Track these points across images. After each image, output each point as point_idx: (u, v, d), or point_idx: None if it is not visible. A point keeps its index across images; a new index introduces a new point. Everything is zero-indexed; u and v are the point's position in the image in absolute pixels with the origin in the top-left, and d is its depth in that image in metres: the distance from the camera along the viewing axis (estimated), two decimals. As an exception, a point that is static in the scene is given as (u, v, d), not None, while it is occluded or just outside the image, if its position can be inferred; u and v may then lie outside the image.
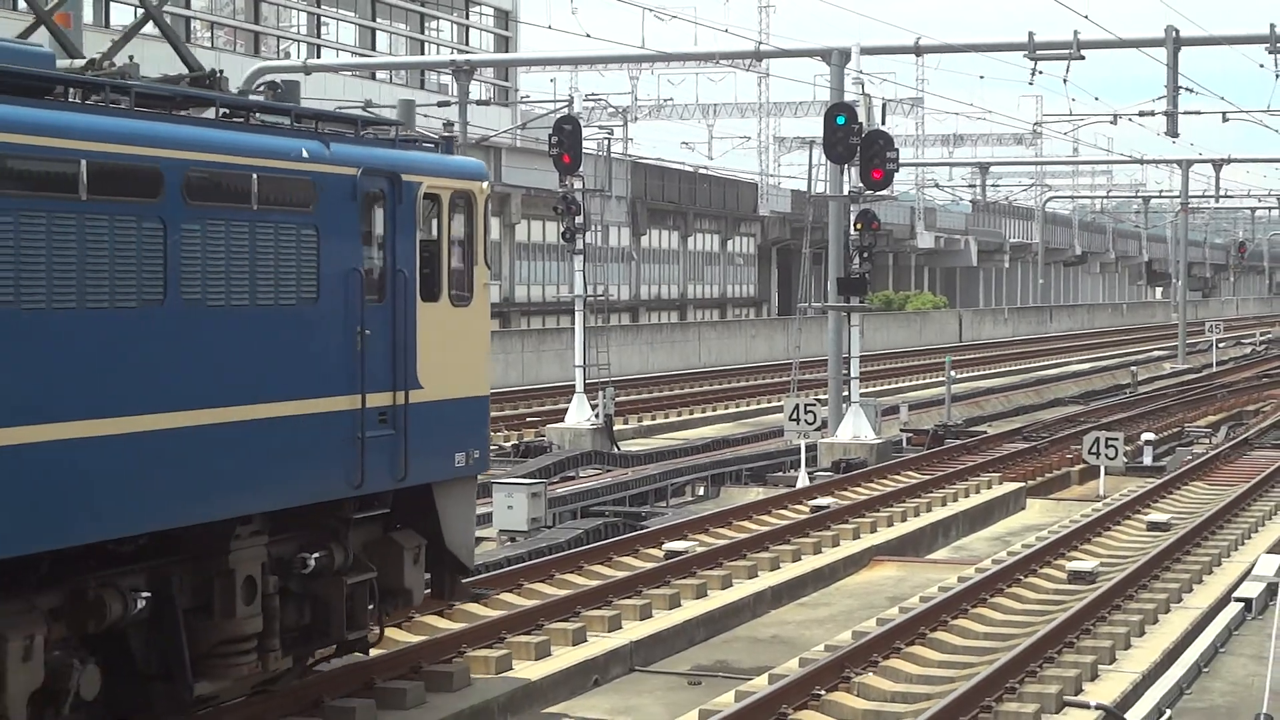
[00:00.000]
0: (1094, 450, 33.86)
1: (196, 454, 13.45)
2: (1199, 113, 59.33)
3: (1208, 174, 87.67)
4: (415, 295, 15.88)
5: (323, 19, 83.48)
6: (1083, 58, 42.34)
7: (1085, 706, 16.51)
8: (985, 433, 41.98)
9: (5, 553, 11.93)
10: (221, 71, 15.34)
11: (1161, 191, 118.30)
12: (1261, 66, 45.68)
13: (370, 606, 16.00)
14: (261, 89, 15.93)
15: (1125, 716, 16.21)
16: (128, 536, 13.17)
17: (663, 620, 20.73)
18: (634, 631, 20.07)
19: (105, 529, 12.79)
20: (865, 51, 40.77)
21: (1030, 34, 42.29)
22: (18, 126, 11.98)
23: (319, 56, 77.14)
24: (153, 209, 12.98)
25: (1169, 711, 16.58)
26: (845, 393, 38.16)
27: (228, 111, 14.48)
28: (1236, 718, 16.40)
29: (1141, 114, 53.09)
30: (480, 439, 17.09)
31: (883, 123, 38.88)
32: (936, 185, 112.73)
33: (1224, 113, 61.24)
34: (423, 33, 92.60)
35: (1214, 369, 69.96)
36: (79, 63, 14.31)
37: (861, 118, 36.35)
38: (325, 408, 14.79)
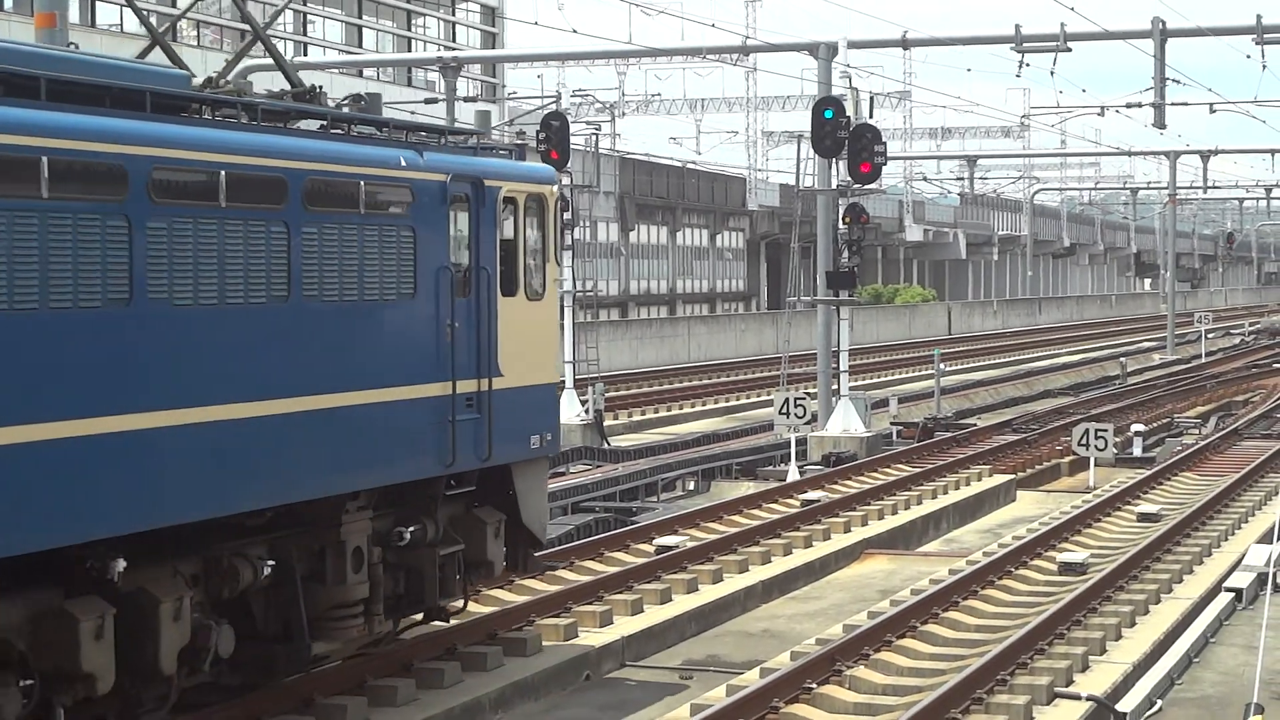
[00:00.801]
0: (1084, 442, 33.89)
1: (315, 435, 14.83)
2: (1186, 104, 59.39)
3: (1195, 165, 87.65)
4: (496, 290, 17.32)
5: (310, 17, 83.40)
6: (1070, 50, 42.35)
7: (1076, 698, 16.52)
8: (975, 425, 42.00)
9: (158, 523, 13.26)
10: (320, 87, 16.91)
11: (1149, 183, 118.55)
12: (1248, 57, 45.67)
13: (457, 577, 17.43)
14: (347, 101, 17.19)
15: (1116, 707, 16.22)
16: (257, 510, 14.61)
17: (654, 615, 20.73)
18: (625, 627, 20.06)
19: (242, 502, 14.22)
20: (852, 45, 40.75)
21: (1017, 26, 42.30)
22: (173, 142, 13.39)
23: (306, 54, 77.03)
24: (278, 214, 14.34)
25: (1160, 702, 16.60)
26: (835, 386, 38.16)
27: (326, 123, 15.94)
28: (1227, 707, 16.41)
29: (1129, 106, 53.09)
30: (552, 423, 18.63)
31: (870, 116, 38.81)
32: (925, 178, 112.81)
33: (1211, 104, 61.22)
34: (409, 30, 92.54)
35: (1203, 360, 70.00)
36: (196, 80, 15.45)
37: (849, 111, 36.32)
38: (422, 393, 16.27)
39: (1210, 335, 77.32)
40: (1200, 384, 55.76)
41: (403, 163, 16.10)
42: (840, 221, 37.18)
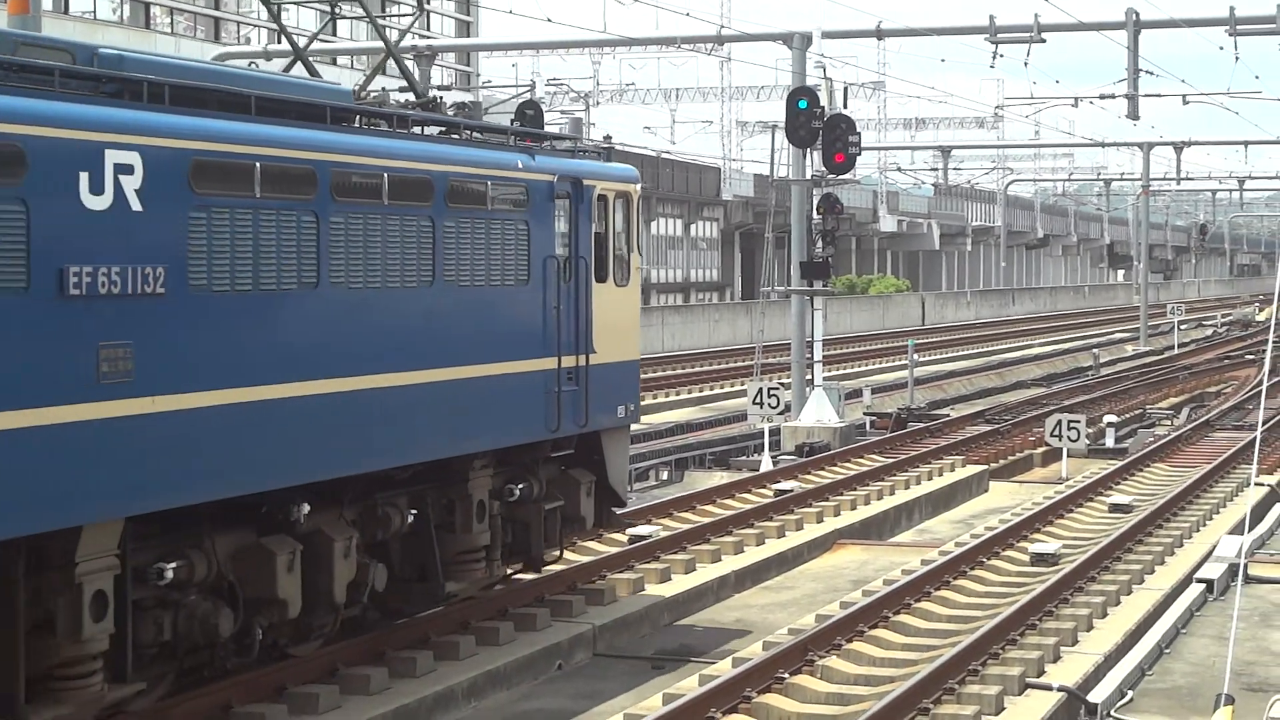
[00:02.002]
0: (1056, 432, 33.95)
1: (453, 402, 17.22)
2: (1160, 95, 59.49)
3: (1169, 157, 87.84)
4: (591, 277, 19.73)
5: (283, 4, 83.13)
6: (1043, 41, 42.48)
7: (1047, 688, 16.54)
8: (948, 416, 42.04)
9: (344, 471, 15.82)
10: (441, 97, 19.30)
11: (1123, 174, 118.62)
12: (1221, 49, 45.89)
13: (556, 530, 19.98)
14: (452, 108, 19.39)
15: (1087, 698, 16.26)
16: (405, 465, 17.01)
17: (626, 605, 20.73)
18: (597, 616, 20.06)
19: (400, 457, 16.69)
20: (827, 35, 40.82)
21: (991, 17, 42.42)
22: (350, 150, 15.87)
23: (280, 42, 76.79)
24: (426, 211, 16.71)
25: (1131, 693, 16.64)
26: (808, 376, 38.19)
27: (444, 129, 18.40)
28: (1198, 698, 16.46)
29: (1103, 97, 53.17)
30: (634, 395, 21.00)
31: (845, 106, 38.88)
32: (899, 169, 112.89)
33: (1184, 95, 61.44)
34: (384, 17, 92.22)
35: (1176, 351, 70.18)
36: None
37: (824, 101, 36.37)
38: (535, 367, 18.70)
39: (1183, 327, 77.49)
40: (1173, 375, 55.91)
41: (519, 165, 18.54)
42: (814, 212, 37.22)
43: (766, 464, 32.74)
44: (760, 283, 56.39)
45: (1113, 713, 16.13)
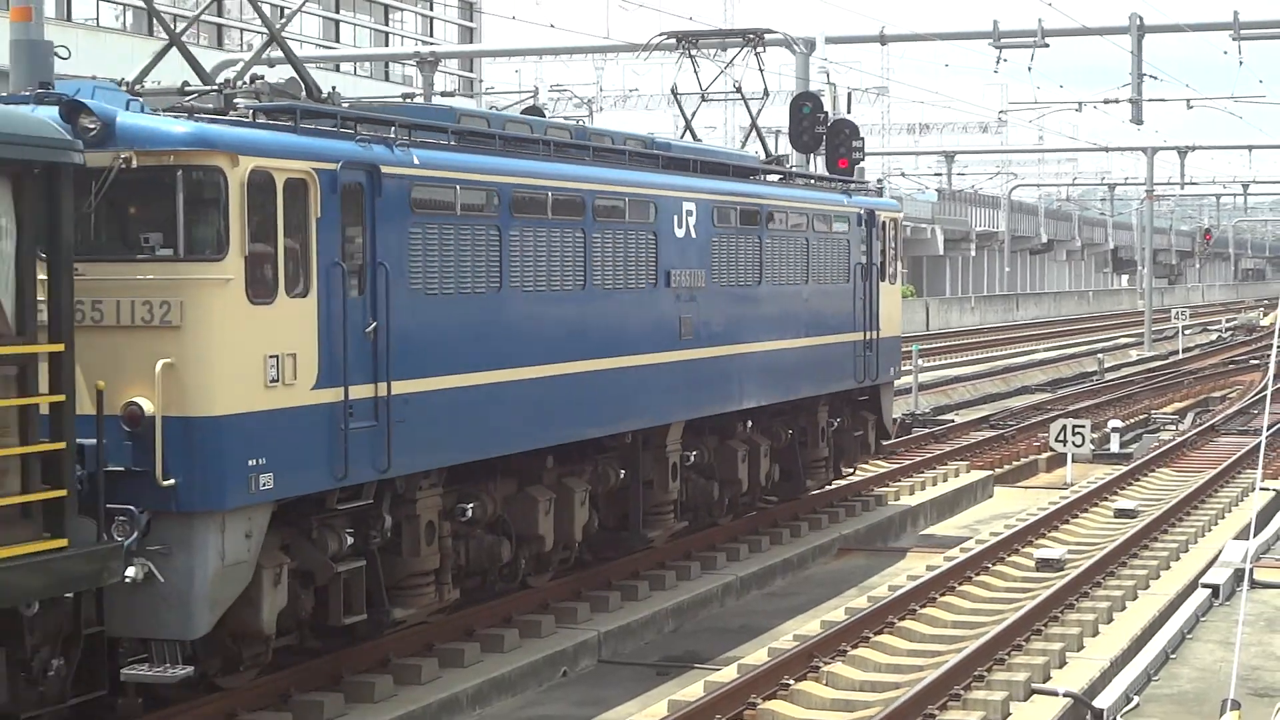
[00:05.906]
0: (1061, 438, 33.86)
1: (813, 360, 25.77)
2: (1164, 100, 59.45)
3: (1173, 161, 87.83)
4: (877, 277, 28.23)
5: (287, 12, 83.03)
6: (1047, 45, 42.49)
7: (1053, 694, 16.52)
8: (953, 421, 41.95)
9: (769, 400, 24.69)
10: (787, 157, 29.91)
11: (1127, 179, 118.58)
12: (1225, 53, 45.81)
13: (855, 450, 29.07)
14: (768, 160, 27.42)
15: (1093, 704, 16.21)
16: (785, 401, 25.43)
17: (631, 611, 20.70)
18: (602, 623, 20.03)
19: (784, 395, 25.13)
20: (830, 40, 40.81)
21: (995, 22, 42.44)
22: (776, 197, 24.93)
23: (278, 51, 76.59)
24: (804, 234, 25.46)
25: (1137, 698, 16.59)
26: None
27: (786, 175, 26.95)
28: (1204, 703, 16.40)
29: (1107, 101, 53.18)
30: (898, 361, 30.00)
31: (848, 111, 38.92)
32: (902, 174, 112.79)
33: (1188, 100, 61.37)
34: (387, 25, 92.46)
35: (1180, 356, 70.03)
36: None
37: (827, 106, 36.31)
38: (850, 339, 27.27)
39: (1187, 331, 77.34)
40: (1178, 380, 55.78)
41: (844, 202, 27.27)
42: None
43: (771, 470, 32.79)
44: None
45: (1119, 718, 16.08)
